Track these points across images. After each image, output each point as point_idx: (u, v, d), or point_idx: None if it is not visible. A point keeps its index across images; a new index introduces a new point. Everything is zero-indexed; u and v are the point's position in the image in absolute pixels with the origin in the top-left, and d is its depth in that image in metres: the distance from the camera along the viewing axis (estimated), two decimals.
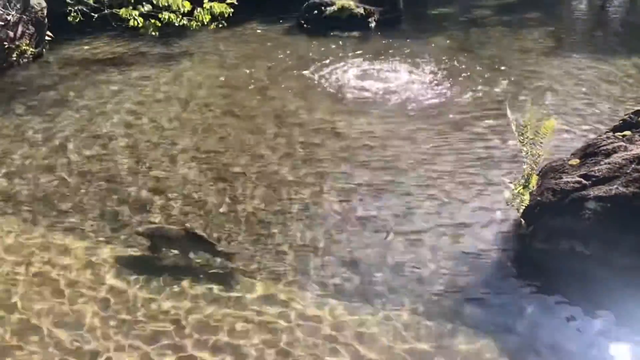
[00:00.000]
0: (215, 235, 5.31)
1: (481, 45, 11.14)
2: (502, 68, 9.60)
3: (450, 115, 7.80)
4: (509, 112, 5.41)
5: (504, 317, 4.40)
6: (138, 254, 5.08)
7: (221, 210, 5.72)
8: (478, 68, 9.59)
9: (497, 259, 5.00)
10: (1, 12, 8.31)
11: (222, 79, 9.27)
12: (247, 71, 9.58)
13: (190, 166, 6.56)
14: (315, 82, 9.11)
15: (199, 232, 5.06)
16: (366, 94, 8.62)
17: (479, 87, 8.77)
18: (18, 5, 9.19)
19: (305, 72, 9.49)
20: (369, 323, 4.35)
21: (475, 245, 5.12)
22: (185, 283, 4.71)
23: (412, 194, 5.93)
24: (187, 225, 5.29)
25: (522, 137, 5.23)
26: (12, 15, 8.62)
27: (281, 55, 10.37)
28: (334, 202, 5.83)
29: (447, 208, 5.67)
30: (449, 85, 8.91)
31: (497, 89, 8.69)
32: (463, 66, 9.66)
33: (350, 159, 6.68)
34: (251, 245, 5.19)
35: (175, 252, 5.04)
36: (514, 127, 5.34)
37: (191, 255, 5.00)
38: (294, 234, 5.35)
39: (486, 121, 7.54)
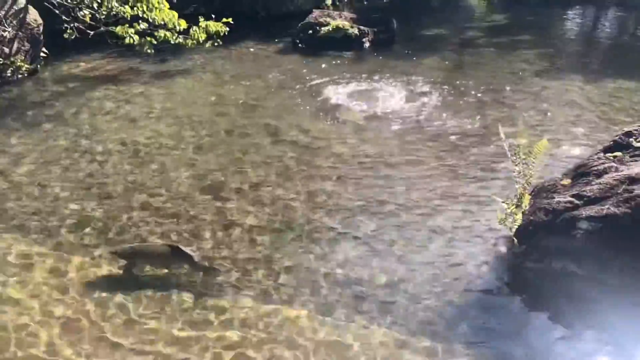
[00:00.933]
0: (208, 253, 5.30)
1: (473, 66, 11.29)
2: (494, 88, 9.71)
3: (442, 135, 7.87)
4: (502, 132, 5.46)
5: (496, 337, 4.40)
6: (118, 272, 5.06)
7: (214, 226, 5.71)
8: (470, 88, 9.70)
9: (489, 278, 5.01)
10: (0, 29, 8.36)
11: (217, 97, 9.32)
12: (242, 89, 9.64)
13: (184, 183, 6.55)
14: (309, 101, 9.17)
15: (184, 248, 5.02)
16: (360, 113, 8.68)
17: (472, 108, 8.86)
18: (14, 22, 9.23)
19: (299, 91, 9.56)
20: (352, 339, 4.34)
21: (468, 264, 5.14)
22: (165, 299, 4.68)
23: (404, 212, 5.95)
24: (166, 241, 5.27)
25: (515, 158, 5.27)
26: (8, 31, 8.66)
27: (276, 74, 10.45)
28: (327, 220, 5.84)
29: (438, 227, 5.68)
30: (441, 105, 8.99)
31: (488, 110, 8.77)
32: (455, 87, 9.77)
33: (344, 177, 6.71)
34: (245, 264, 5.18)
35: (155, 268, 5.01)
36: (506, 147, 5.39)
37: (172, 270, 4.98)
38: (288, 252, 5.35)
39: (478, 141, 7.61)
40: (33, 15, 9.77)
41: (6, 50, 9.23)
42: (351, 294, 4.83)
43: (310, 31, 12.24)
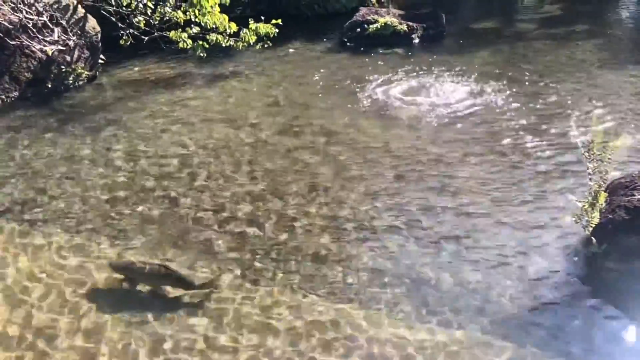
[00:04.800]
0: (274, 252, 5.33)
1: (528, 59, 10.94)
2: (552, 83, 9.38)
3: (501, 131, 7.66)
4: (574, 127, 5.25)
5: (574, 341, 4.24)
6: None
7: (276, 228, 5.74)
8: (526, 82, 9.41)
9: (566, 279, 4.84)
10: (64, 38, 8.65)
11: (269, 98, 9.36)
12: (293, 90, 9.66)
13: (244, 185, 6.61)
14: (361, 99, 9.10)
15: (175, 267, 4.99)
16: (414, 111, 8.55)
17: (529, 102, 8.59)
18: (75, 30, 9.53)
19: (351, 89, 9.50)
20: (427, 343, 4.26)
21: (542, 265, 4.98)
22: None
23: (471, 213, 5.81)
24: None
25: (588, 154, 5.05)
26: (73, 40, 8.95)
27: (326, 74, 10.42)
28: (390, 220, 5.77)
29: (506, 225, 5.53)
30: (497, 100, 8.76)
31: (547, 104, 8.48)
32: (510, 81, 9.49)
33: (403, 175, 6.62)
34: (308, 263, 5.18)
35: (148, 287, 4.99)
36: (579, 144, 5.18)
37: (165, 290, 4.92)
38: (351, 251, 5.31)
39: (538, 136, 7.36)
40: (92, 24, 10.08)
41: (68, 58, 9.54)
42: (418, 293, 4.77)
43: (358, 29, 12.16)
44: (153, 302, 4.82)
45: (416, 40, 12.09)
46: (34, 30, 8.95)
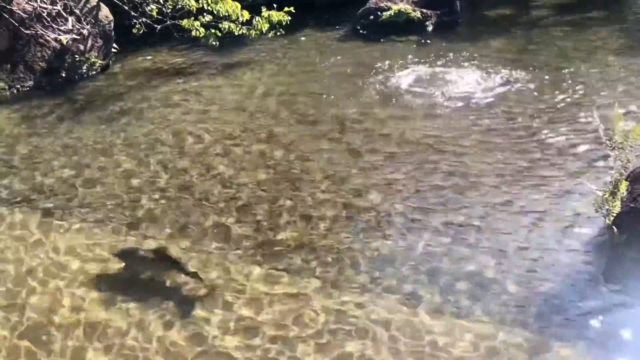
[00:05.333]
0: (287, 242, 5.32)
1: (544, 46, 10.77)
2: (570, 70, 9.23)
3: (517, 119, 7.57)
4: (595, 115, 5.18)
5: (593, 332, 4.20)
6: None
7: (291, 217, 5.74)
8: (542, 69, 9.27)
9: (585, 269, 4.79)
10: (78, 27, 8.65)
11: (282, 86, 9.31)
12: (306, 78, 9.60)
13: (258, 174, 6.60)
14: (375, 87, 9.03)
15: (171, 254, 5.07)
16: (429, 99, 8.47)
17: (546, 89, 8.47)
18: (88, 19, 9.53)
19: (365, 77, 9.43)
20: (449, 332, 4.25)
21: (562, 255, 4.93)
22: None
23: (486, 200, 5.77)
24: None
25: (610, 142, 4.98)
26: (87, 29, 8.95)
27: (339, 62, 10.35)
28: (406, 209, 5.74)
29: (524, 215, 5.48)
30: (513, 88, 8.65)
31: (564, 91, 8.35)
32: (526, 68, 9.35)
33: (420, 164, 6.57)
34: (325, 254, 5.17)
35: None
36: (601, 132, 5.10)
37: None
38: (368, 242, 5.30)
39: (556, 124, 7.27)
40: (105, 12, 10.07)
41: (81, 47, 9.55)
42: (437, 284, 4.73)
43: (371, 17, 12.03)
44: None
45: (430, 28, 11.94)
46: (48, 19, 8.96)
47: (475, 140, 7.05)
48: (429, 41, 11.44)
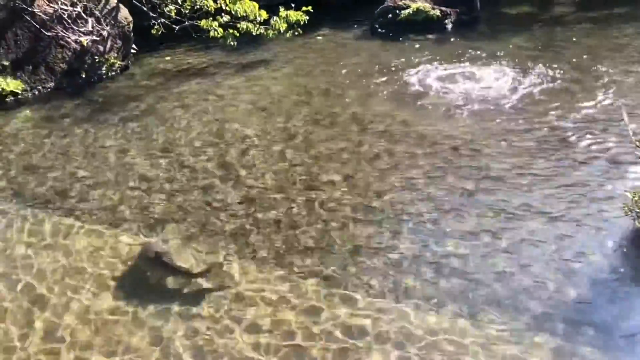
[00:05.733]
0: (305, 243, 5.27)
1: (567, 44, 10.56)
2: (595, 68, 9.04)
3: (540, 120, 7.41)
4: (625, 116, 5.03)
5: (622, 336, 4.07)
6: None
7: (310, 218, 5.68)
8: (568, 69, 9.09)
9: (613, 273, 4.65)
10: (98, 28, 8.71)
11: (301, 86, 9.28)
12: (324, 78, 9.54)
13: (277, 174, 6.56)
14: (394, 87, 8.94)
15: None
16: (449, 99, 8.35)
17: (570, 89, 8.30)
18: (108, 20, 9.60)
19: (383, 77, 9.34)
20: (463, 333, 4.16)
21: (589, 260, 4.79)
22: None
23: (511, 203, 5.64)
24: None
25: (639, 142, 4.84)
26: (107, 30, 9.01)
27: (357, 61, 10.27)
28: (427, 211, 5.65)
29: (550, 218, 5.35)
30: (535, 88, 8.48)
31: (589, 91, 8.16)
32: (549, 67, 9.18)
33: (440, 166, 6.47)
34: (345, 256, 5.11)
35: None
36: (630, 132, 4.96)
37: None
38: (388, 243, 5.22)
39: (581, 125, 7.10)
40: (124, 14, 10.14)
41: (101, 48, 9.63)
42: (460, 286, 4.64)
43: (390, 15, 11.94)
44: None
45: (449, 26, 11.81)
46: (69, 21, 9.04)
47: (498, 141, 6.92)
48: (448, 40, 11.31)
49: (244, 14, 10.29)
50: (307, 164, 6.78)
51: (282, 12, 10.62)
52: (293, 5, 10.75)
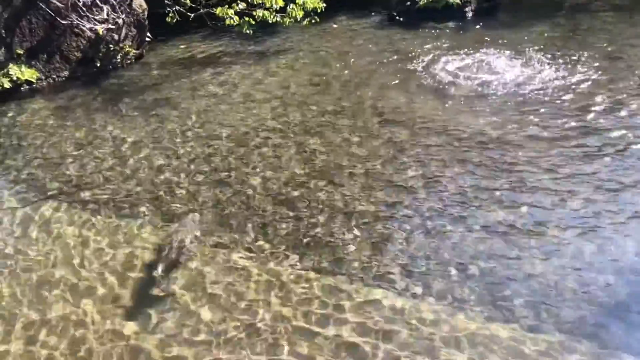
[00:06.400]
0: (323, 238, 5.14)
1: (592, 32, 10.24)
2: (618, 56, 8.74)
3: (565, 111, 7.16)
4: None
5: None
6: None
7: (331, 213, 5.54)
8: (590, 57, 8.78)
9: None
10: (114, 16, 8.59)
11: (318, 76, 9.09)
12: (342, 67, 9.35)
13: (296, 167, 6.42)
14: (414, 76, 8.72)
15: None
16: (471, 89, 8.11)
17: (594, 79, 8.00)
18: (124, 7, 9.46)
19: (403, 66, 9.12)
20: (494, 340, 4.00)
21: (619, 264, 4.61)
22: None
23: (537, 199, 5.44)
24: None
25: None
26: (122, 18, 8.88)
27: (375, 50, 10.06)
28: (451, 208, 5.48)
29: (579, 215, 5.16)
30: (559, 77, 8.20)
31: (614, 81, 7.87)
32: (572, 56, 8.89)
33: (463, 159, 6.27)
34: (364, 253, 4.97)
35: None
36: None
37: None
38: (410, 242, 5.07)
39: (606, 116, 6.85)
40: (139, 1, 10.00)
41: (116, 36, 9.51)
42: (488, 290, 4.48)
43: (408, 3, 11.69)
44: None
45: (469, 14, 11.53)
46: (84, 9, 8.92)
47: (522, 134, 6.70)
48: (468, 28, 11.03)
49: (260, 2, 10.09)
50: (326, 155, 6.60)
51: None
52: None
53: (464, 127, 6.98)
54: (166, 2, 10.17)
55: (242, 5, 10.12)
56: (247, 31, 10.24)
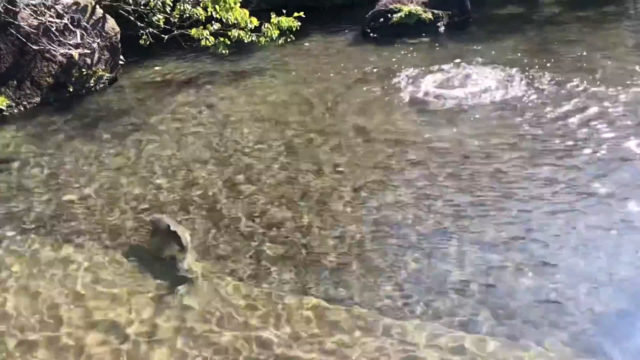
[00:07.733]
0: (315, 263, 5.05)
1: (560, 44, 10.51)
2: (589, 67, 8.97)
3: (544, 122, 7.30)
4: (629, 114, 4.90)
5: None
6: None
7: (320, 233, 5.45)
8: (562, 69, 9.00)
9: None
10: (89, 40, 8.38)
11: (296, 95, 9.04)
12: (320, 86, 9.33)
13: (281, 188, 6.33)
14: (392, 93, 8.76)
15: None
16: (450, 103, 8.20)
17: (569, 90, 8.17)
18: (95, 31, 9.28)
19: (380, 82, 9.16)
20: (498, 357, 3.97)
21: (618, 277, 4.62)
22: None
23: (533, 213, 5.46)
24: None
25: None
26: (97, 42, 8.69)
27: (352, 67, 10.09)
28: (445, 223, 5.46)
29: (576, 228, 5.21)
30: (533, 89, 8.35)
31: (589, 91, 8.03)
32: (544, 68, 9.09)
33: (451, 174, 6.28)
34: (361, 273, 4.90)
35: None
36: None
37: None
38: (404, 259, 5.02)
39: (593, 127, 6.96)
40: (111, 24, 9.83)
41: (88, 60, 9.31)
42: (490, 306, 4.42)
43: (381, 19, 11.81)
44: None
45: (442, 29, 11.71)
46: (56, 33, 8.69)
47: (506, 146, 6.76)
48: (442, 42, 11.19)
49: (235, 22, 10.03)
50: (311, 175, 6.53)
51: (274, 18, 10.39)
52: (284, 11, 10.52)
53: (447, 141, 7.02)
54: (139, 24, 10.01)
55: (216, 26, 10.06)
56: (223, 51, 10.16)
